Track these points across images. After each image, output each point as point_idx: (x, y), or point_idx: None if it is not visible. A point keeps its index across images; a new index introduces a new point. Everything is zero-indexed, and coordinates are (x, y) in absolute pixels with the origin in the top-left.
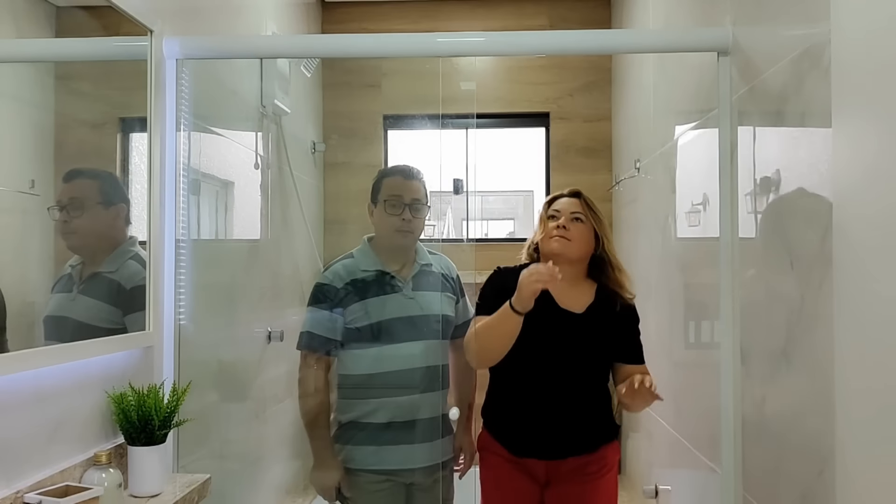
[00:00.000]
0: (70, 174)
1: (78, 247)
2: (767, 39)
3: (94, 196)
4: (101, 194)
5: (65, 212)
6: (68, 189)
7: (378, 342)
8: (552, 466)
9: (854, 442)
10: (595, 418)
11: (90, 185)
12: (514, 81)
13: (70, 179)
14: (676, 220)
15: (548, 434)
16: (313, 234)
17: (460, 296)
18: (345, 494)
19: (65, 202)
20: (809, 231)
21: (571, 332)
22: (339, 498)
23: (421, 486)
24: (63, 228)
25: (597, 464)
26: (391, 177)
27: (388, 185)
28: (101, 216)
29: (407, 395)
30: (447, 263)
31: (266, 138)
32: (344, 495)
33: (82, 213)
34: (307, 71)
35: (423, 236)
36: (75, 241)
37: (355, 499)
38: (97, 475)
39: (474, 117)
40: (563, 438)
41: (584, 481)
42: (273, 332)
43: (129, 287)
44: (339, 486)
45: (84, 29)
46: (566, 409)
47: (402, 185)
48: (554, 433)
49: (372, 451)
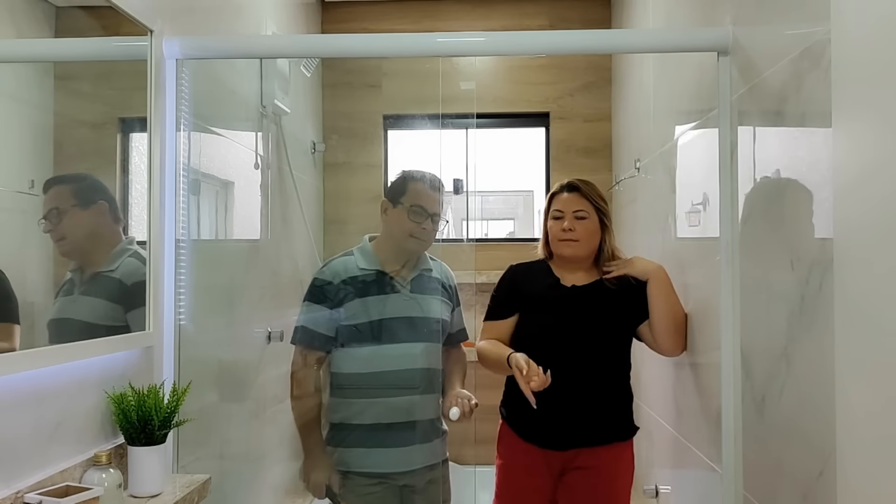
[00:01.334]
0: (46, 184)
1: (70, 252)
2: (767, 39)
3: (68, 201)
4: (76, 197)
5: (48, 222)
6: (47, 200)
7: (372, 341)
8: (567, 458)
9: (855, 442)
10: (610, 412)
11: (64, 190)
12: (514, 81)
13: (47, 190)
14: (676, 219)
15: (560, 423)
16: (313, 234)
17: (456, 304)
18: (334, 491)
19: (46, 213)
20: (809, 231)
21: (580, 305)
22: (329, 495)
23: (414, 487)
24: (53, 237)
25: (610, 461)
26: (418, 183)
27: (414, 191)
28: (81, 218)
29: (400, 395)
30: (446, 271)
31: (266, 138)
32: (334, 492)
33: (62, 220)
34: (307, 71)
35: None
36: (66, 248)
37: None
38: (97, 475)
39: (474, 117)
40: (576, 428)
41: (597, 476)
42: (273, 332)
43: (129, 283)
44: (329, 485)
45: (84, 29)
46: (581, 399)
47: (430, 196)
48: (567, 422)
49: (364, 453)
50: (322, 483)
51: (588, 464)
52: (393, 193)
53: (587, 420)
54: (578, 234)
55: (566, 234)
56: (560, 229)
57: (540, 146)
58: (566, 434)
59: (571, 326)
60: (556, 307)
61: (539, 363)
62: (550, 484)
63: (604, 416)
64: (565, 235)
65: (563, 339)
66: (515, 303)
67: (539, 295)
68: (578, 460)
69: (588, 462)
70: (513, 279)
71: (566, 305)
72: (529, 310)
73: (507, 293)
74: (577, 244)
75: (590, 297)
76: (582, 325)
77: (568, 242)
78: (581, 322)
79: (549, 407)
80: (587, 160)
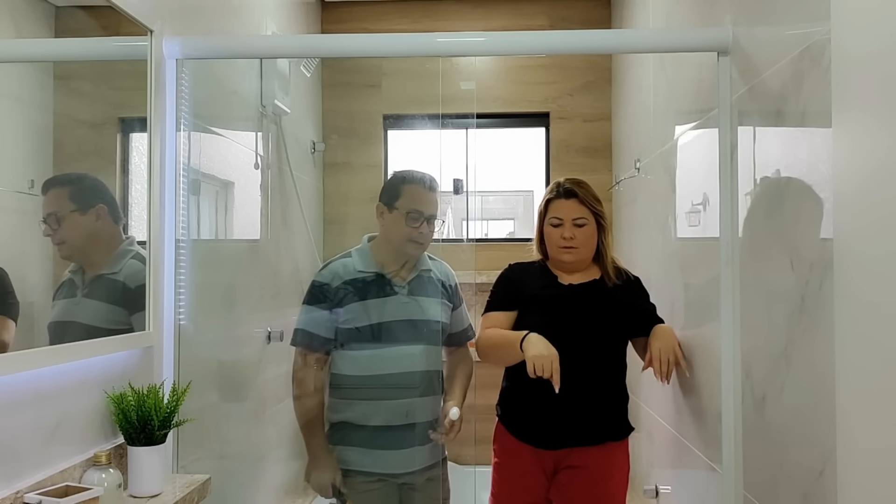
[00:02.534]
0: (45, 185)
1: (70, 255)
2: (767, 39)
3: (66, 205)
4: (74, 201)
5: (47, 225)
6: (46, 202)
7: (372, 344)
8: (559, 457)
9: (855, 442)
10: (604, 412)
11: (61, 193)
12: (514, 81)
13: (46, 191)
14: (676, 220)
15: (553, 422)
16: (313, 234)
17: (458, 303)
18: (341, 490)
19: (45, 216)
20: (809, 231)
21: (576, 304)
22: (336, 494)
23: (413, 485)
24: (53, 241)
25: (603, 460)
26: (413, 185)
27: (410, 194)
28: (79, 222)
29: (399, 398)
30: (446, 270)
31: (266, 138)
32: (340, 491)
33: (61, 224)
34: (307, 71)
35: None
36: (66, 251)
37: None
38: (97, 475)
39: (474, 117)
40: (568, 427)
41: (588, 475)
42: (273, 332)
43: (133, 286)
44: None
45: (84, 29)
46: (574, 399)
47: (426, 197)
48: (559, 422)
49: (364, 453)
50: (328, 483)
51: (580, 463)
52: (388, 197)
53: (579, 419)
54: (578, 241)
55: (566, 242)
56: (560, 237)
57: (540, 146)
58: (558, 433)
59: (566, 325)
60: (552, 305)
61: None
62: (544, 483)
63: (596, 415)
64: (566, 243)
65: (557, 338)
66: (514, 299)
67: (535, 293)
68: (570, 459)
69: (580, 461)
70: (511, 276)
71: (562, 304)
72: (526, 308)
73: (506, 288)
74: (577, 251)
75: (586, 295)
76: (576, 324)
77: (568, 250)
78: (576, 321)
79: (542, 406)
80: (587, 160)
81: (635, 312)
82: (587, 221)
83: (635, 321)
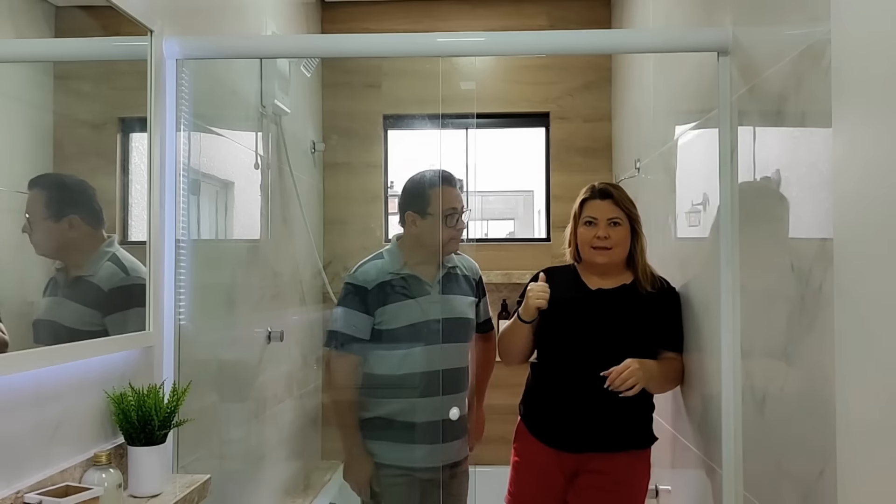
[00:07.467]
0: (30, 184)
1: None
2: (767, 39)
3: (40, 211)
4: (48, 208)
5: (27, 224)
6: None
7: (405, 343)
8: (580, 461)
9: (855, 442)
10: (627, 419)
11: (38, 198)
12: (514, 81)
13: (30, 189)
14: (676, 220)
15: (575, 425)
16: (313, 234)
17: (482, 295)
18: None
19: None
20: (809, 231)
21: (602, 308)
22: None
23: (435, 481)
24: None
25: (623, 468)
26: (441, 187)
27: (440, 196)
28: (51, 231)
29: (430, 395)
30: (471, 265)
31: (266, 138)
32: (375, 490)
33: (34, 230)
34: (307, 71)
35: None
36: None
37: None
38: (97, 475)
39: (474, 117)
40: (590, 432)
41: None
42: (273, 332)
43: (107, 289)
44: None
45: (83, 29)
46: (598, 403)
47: (454, 194)
48: (581, 425)
49: (391, 447)
50: (365, 481)
51: (600, 468)
52: (418, 205)
53: (602, 425)
54: (612, 241)
55: (601, 242)
56: (594, 236)
57: (540, 146)
58: (580, 437)
59: (592, 329)
60: (579, 310)
61: (559, 365)
62: (563, 485)
63: (620, 422)
64: (599, 243)
65: (584, 342)
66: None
67: (562, 297)
68: (591, 464)
69: (601, 466)
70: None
71: (589, 308)
72: (553, 311)
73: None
74: (610, 251)
75: (615, 300)
76: (603, 329)
77: (602, 251)
78: (602, 325)
79: (566, 409)
80: (587, 160)
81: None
82: (622, 222)
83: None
